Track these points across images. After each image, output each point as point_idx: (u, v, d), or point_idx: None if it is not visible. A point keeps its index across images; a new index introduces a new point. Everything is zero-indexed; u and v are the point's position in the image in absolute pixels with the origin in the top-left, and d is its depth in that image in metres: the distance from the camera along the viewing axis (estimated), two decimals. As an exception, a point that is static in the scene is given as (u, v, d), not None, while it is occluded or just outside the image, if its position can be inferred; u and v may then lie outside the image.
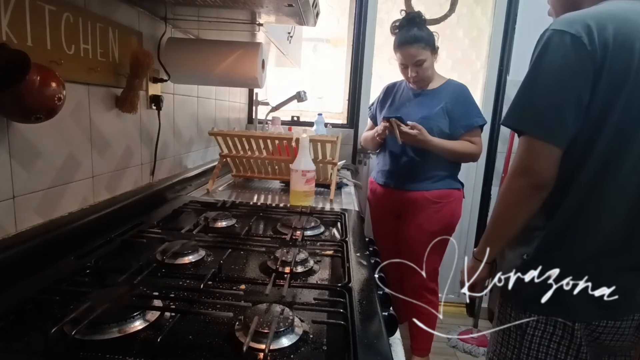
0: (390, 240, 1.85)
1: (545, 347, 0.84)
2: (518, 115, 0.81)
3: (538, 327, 0.84)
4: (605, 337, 0.82)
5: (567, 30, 0.75)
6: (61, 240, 0.81)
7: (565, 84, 0.75)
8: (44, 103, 0.66)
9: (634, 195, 0.78)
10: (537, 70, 0.78)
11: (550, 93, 0.77)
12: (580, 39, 0.74)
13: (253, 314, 0.58)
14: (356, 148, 2.44)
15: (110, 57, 0.98)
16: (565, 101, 0.76)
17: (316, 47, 2.55)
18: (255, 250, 0.90)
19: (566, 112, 0.76)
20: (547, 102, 0.77)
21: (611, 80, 0.74)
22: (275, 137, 1.46)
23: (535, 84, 0.79)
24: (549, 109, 0.77)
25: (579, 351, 0.83)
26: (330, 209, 1.33)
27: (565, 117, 0.76)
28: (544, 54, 0.77)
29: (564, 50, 0.75)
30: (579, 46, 0.74)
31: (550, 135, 0.77)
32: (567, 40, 0.75)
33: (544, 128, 0.77)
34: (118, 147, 1.05)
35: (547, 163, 0.78)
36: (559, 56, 0.75)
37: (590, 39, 0.73)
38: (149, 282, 0.69)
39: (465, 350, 2.13)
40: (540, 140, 0.78)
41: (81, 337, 0.53)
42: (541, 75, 0.78)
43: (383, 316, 0.65)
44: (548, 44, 0.77)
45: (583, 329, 0.82)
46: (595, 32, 0.74)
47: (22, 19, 0.70)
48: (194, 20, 1.24)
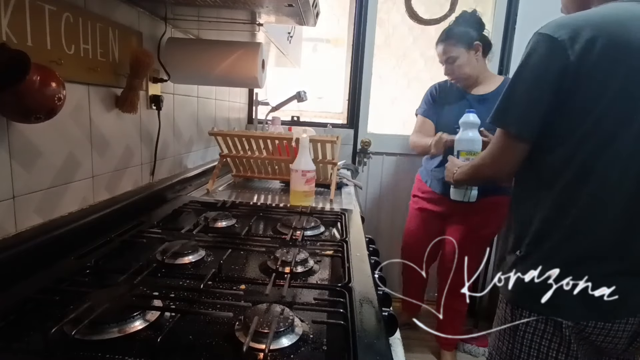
0: (429, 239, 1.88)
1: (537, 344, 0.86)
2: (496, 111, 0.88)
3: (530, 323, 0.86)
4: (595, 338, 0.83)
5: (551, 35, 0.79)
6: (61, 240, 0.81)
7: (537, 84, 0.81)
8: (44, 103, 0.66)
9: (624, 200, 0.79)
10: (518, 70, 0.84)
11: (522, 91, 0.83)
12: (562, 43, 0.77)
13: (253, 314, 0.58)
14: (356, 148, 2.44)
15: (110, 57, 0.98)
16: (535, 100, 0.81)
17: (316, 47, 2.55)
18: (255, 250, 0.90)
19: (534, 111, 0.82)
20: (519, 100, 0.84)
21: (591, 86, 0.76)
22: (275, 137, 1.46)
23: (513, 83, 0.85)
24: (519, 107, 0.84)
25: (569, 349, 0.84)
26: (330, 209, 1.33)
27: (532, 116, 0.82)
28: (526, 56, 0.83)
29: (543, 53, 0.80)
30: (559, 50, 0.78)
31: (519, 131, 0.84)
32: (548, 44, 0.79)
33: (515, 124, 0.85)
34: (118, 147, 1.05)
35: (514, 157, 0.87)
36: (537, 58, 0.80)
37: (572, 44, 0.76)
38: (149, 282, 0.69)
39: (465, 350, 2.13)
40: (509, 135, 0.86)
41: (81, 337, 0.53)
42: (520, 75, 0.84)
43: (383, 316, 0.65)
44: (531, 47, 0.82)
45: (571, 327, 0.82)
46: (581, 37, 0.76)
47: (22, 19, 0.70)
48: (194, 20, 1.23)
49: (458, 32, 1.70)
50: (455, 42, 1.69)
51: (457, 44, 1.69)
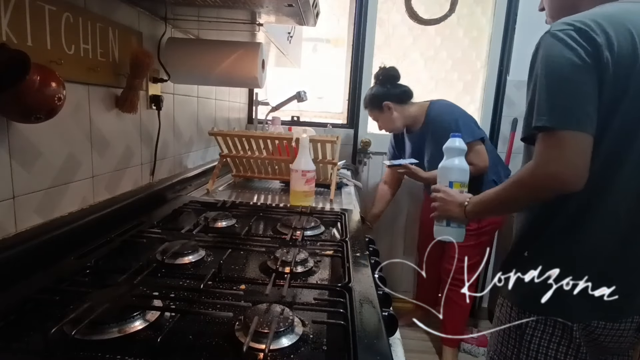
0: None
1: (545, 348, 0.84)
2: (543, 114, 0.75)
3: (537, 328, 0.84)
4: (604, 339, 0.82)
5: (570, 23, 0.74)
6: (61, 240, 0.81)
7: (577, 78, 0.73)
8: (44, 103, 0.66)
9: (637, 198, 0.78)
10: (548, 69, 0.75)
11: (567, 88, 0.74)
12: (588, 32, 0.73)
13: (253, 314, 0.58)
14: (356, 148, 2.44)
15: (110, 57, 0.98)
16: (584, 94, 0.73)
17: (316, 47, 2.55)
18: (255, 250, 0.90)
19: (587, 103, 0.73)
20: (567, 96, 0.74)
21: (616, 81, 0.73)
22: (275, 137, 1.46)
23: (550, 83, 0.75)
24: (570, 102, 0.73)
25: (578, 351, 0.82)
26: (330, 209, 1.33)
27: (587, 109, 0.73)
28: (551, 53, 0.75)
29: (570, 46, 0.73)
30: (585, 33, 0.73)
31: (581, 125, 0.73)
32: (569, 32, 0.74)
33: (574, 119, 0.73)
34: (118, 147, 1.05)
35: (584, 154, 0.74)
36: (567, 52, 0.73)
37: (595, 35, 0.73)
38: (149, 282, 0.69)
39: (465, 350, 2.13)
40: (572, 131, 0.73)
41: (81, 337, 0.53)
42: (554, 73, 0.75)
43: (383, 316, 0.65)
44: (549, 44, 0.76)
45: (582, 329, 0.81)
46: (598, 31, 0.73)
47: (22, 19, 0.70)
48: (194, 20, 1.24)
49: (368, 98, 1.92)
50: (370, 108, 1.92)
51: (372, 109, 1.91)
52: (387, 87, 1.87)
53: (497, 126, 2.37)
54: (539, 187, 0.77)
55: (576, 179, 0.73)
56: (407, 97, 1.88)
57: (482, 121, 2.44)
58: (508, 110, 2.35)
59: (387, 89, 1.87)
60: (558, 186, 0.75)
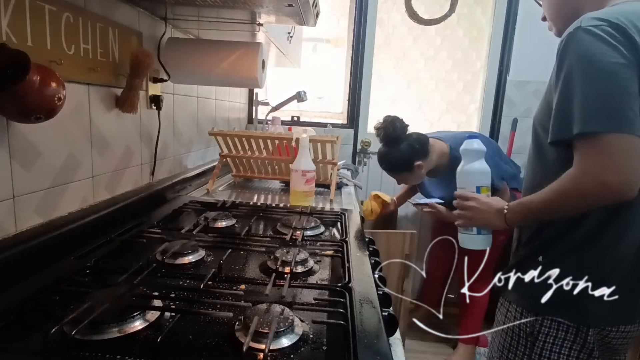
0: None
1: (557, 354, 0.82)
2: (586, 117, 0.69)
3: (550, 334, 0.82)
4: (615, 342, 0.82)
5: (604, 24, 0.69)
6: (61, 240, 0.81)
7: (621, 76, 0.68)
8: (44, 103, 0.66)
9: None
10: (586, 68, 0.70)
11: (610, 87, 0.69)
12: (624, 28, 0.69)
13: (253, 314, 0.58)
14: (356, 148, 2.44)
15: (110, 57, 0.98)
16: (630, 93, 0.69)
17: (316, 47, 2.55)
18: (255, 250, 0.90)
19: (633, 103, 0.68)
20: (612, 96, 0.69)
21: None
22: (275, 137, 1.46)
23: (590, 82, 0.70)
24: (616, 103, 0.69)
25: (590, 356, 0.81)
26: (330, 209, 1.33)
27: (634, 109, 0.68)
28: (588, 50, 0.70)
29: (608, 42, 0.68)
30: (625, 35, 0.68)
31: (630, 127, 0.68)
32: (609, 31, 0.69)
33: (623, 121, 0.68)
34: (118, 147, 1.05)
35: (636, 158, 0.68)
36: (607, 49, 0.68)
37: (630, 31, 0.69)
38: (149, 282, 0.69)
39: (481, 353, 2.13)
40: (621, 133, 0.68)
41: (81, 337, 0.53)
42: (594, 72, 0.70)
43: (383, 316, 0.65)
44: (586, 39, 0.70)
45: (597, 334, 0.80)
46: (631, 26, 0.69)
47: (22, 19, 0.70)
48: (194, 20, 1.24)
49: (394, 161, 1.66)
50: (397, 171, 1.70)
51: (400, 172, 1.69)
52: (407, 144, 1.62)
53: (497, 126, 2.37)
54: (588, 197, 0.72)
55: (630, 187, 0.68)
56: (428, 147, 1.65)
57: (482, 121, 2.44)
58: (508, 110, 2.36)
59: (409, 146, 1.62)
60: (610, 195, 0.70)
